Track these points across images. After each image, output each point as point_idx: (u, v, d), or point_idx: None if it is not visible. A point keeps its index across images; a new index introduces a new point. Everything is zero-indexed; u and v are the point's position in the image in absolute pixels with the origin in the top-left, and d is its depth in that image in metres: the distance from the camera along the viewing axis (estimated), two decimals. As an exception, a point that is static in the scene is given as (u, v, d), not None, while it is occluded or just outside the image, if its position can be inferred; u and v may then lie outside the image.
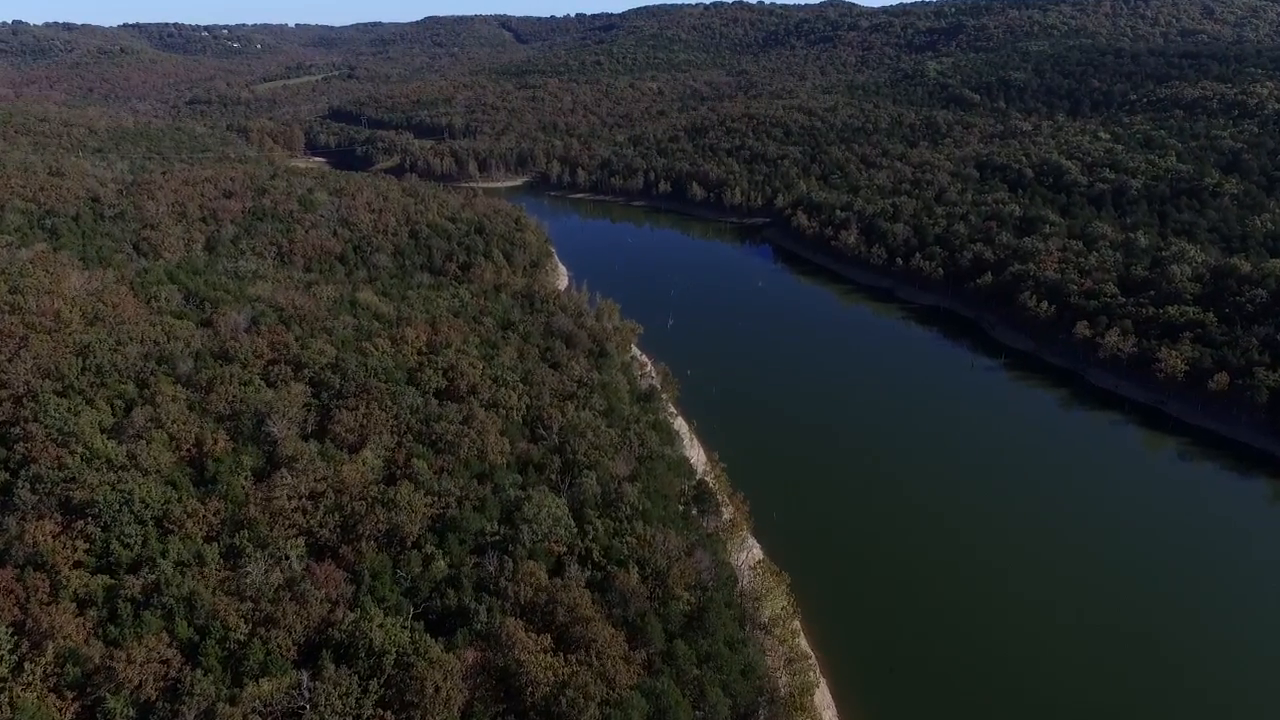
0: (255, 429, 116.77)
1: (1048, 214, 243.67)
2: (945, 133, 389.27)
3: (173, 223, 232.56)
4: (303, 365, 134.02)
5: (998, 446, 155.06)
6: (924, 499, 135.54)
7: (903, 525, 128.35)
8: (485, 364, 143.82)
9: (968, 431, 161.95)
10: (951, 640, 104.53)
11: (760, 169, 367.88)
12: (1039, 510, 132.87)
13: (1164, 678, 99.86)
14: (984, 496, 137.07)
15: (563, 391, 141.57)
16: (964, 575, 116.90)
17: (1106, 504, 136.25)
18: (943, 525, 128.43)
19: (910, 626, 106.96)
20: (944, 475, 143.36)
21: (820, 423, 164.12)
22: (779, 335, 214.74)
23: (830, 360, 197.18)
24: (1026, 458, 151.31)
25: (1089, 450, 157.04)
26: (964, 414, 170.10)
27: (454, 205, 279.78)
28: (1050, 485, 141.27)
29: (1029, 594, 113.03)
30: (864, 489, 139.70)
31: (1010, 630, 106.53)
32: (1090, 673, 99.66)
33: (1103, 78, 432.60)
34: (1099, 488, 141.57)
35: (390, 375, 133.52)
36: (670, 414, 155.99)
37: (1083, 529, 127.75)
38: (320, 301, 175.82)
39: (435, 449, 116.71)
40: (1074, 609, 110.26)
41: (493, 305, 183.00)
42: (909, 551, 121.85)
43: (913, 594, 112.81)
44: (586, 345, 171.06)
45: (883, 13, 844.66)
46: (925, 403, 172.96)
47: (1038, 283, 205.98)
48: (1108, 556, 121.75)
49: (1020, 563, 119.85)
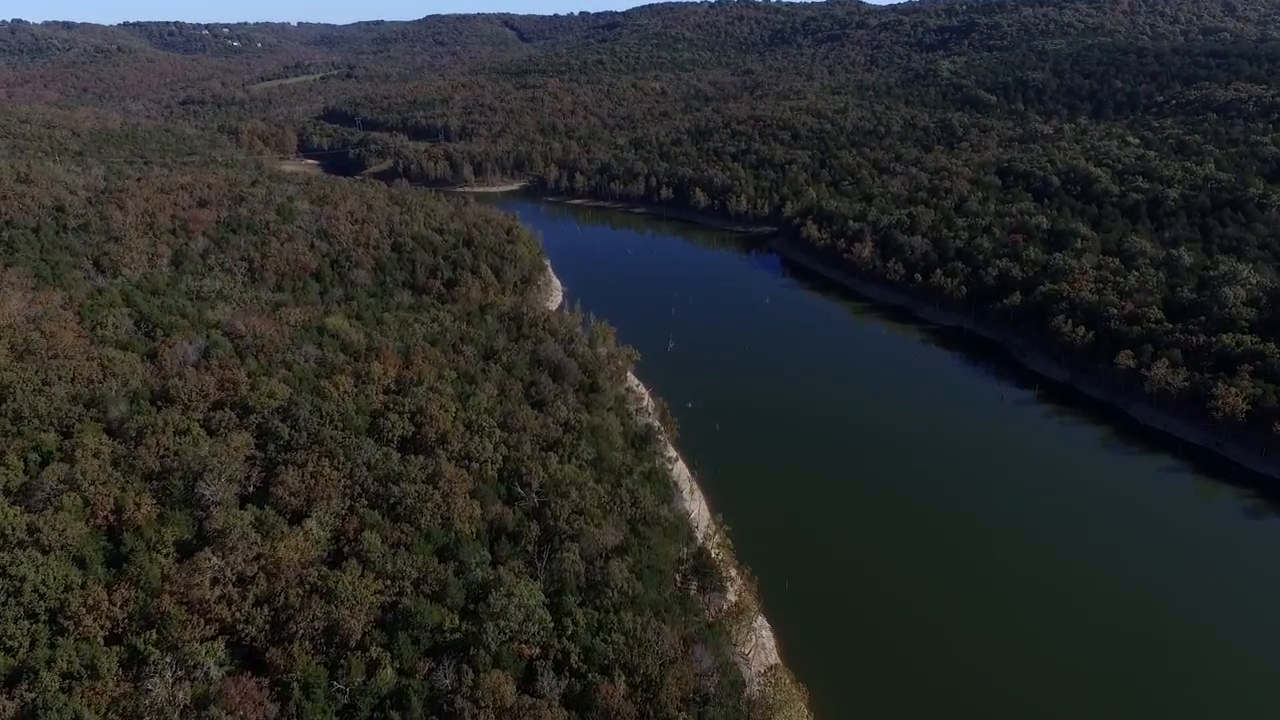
0: (187, 490, 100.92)
1: (1079, 227, 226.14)
2: (961, 136, 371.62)
3: (139, 235, 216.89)
4: (250, 410, 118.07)
5: (1035, 494, 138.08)
6: (964, 559, 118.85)
7: (937, 595, 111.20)
8: (460, 405, 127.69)
9: (1002, 474, 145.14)
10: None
11: (767, 174, 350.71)
12: (1088, 567, 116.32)
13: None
14: (1029, 555, 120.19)
15: (546, 438, 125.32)
16: (1026, 661, 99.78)
17: (1160, 558, 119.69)
18: (989, 592, 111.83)
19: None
20: (981, 529, 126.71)
21: (835, 464, 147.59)
22: (788, 359, 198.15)
23: (845, 390, 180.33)
24: (1068, 507, 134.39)
25: (1136, 497, 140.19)
26: (997, 454, 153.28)
27: (442, 214, 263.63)
28: (1099, 539, 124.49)
29: (1094, 665, 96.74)
30: (888, 544, 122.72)
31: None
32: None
33: (1126, 78, 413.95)
34: (1151, 542, 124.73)
35: (349, 422, 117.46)
36: (668, 459, 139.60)
37: (1136, 591, 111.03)
38: (285, 327, 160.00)
39: (392, 516, 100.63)
40: (1141, 683, 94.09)
41: (475, 331, 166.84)
42: (952, 630, 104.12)
43: (971, 691, 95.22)
44: (576, 377, 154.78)
45: (892, 10, 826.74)
46: (953, 440, 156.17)
47: (1072, 305, 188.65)
48: (1167, 622, 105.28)
49: (1076, 630, 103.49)
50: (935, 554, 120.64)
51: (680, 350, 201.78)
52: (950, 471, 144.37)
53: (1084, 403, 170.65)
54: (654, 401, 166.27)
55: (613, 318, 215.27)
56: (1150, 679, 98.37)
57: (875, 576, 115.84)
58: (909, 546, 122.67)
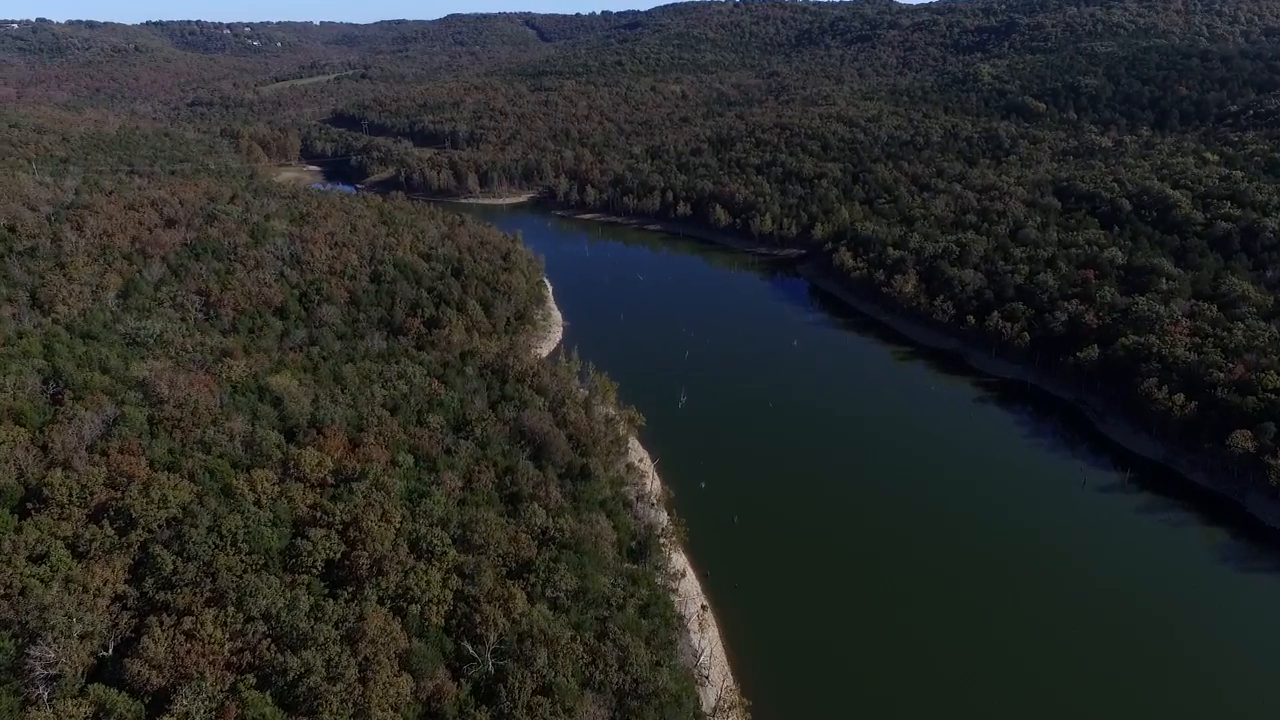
0: (17, 657, 75.03)
1: (1162, 263, 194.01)
2: (1009, 148, 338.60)
3: (88, 262, 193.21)
4: (135, 523, 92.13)
5: (1135, 622, 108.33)
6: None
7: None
8: (409, 512, 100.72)
9: (1094, 591, 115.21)
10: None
11: (794, 190, 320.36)
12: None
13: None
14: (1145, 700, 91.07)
15: (516, 559, 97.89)
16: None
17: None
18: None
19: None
20: (1082, 672, 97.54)
21: (887, 561, 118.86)
22: (821, 418, 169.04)
23: (891, 461, 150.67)
24: (1182, 635, 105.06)
25: (1266, 620, 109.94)
26: (1084, 558, 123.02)
27: (432, 236, 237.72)
28: (1229, 687, 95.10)
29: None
30: (986, 696, 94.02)
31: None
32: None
33: (1191, 84, 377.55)
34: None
35: (257, 542, 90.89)
36: (673, 576, 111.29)
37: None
38: (221, 386, 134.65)
39: (286, 703, 73.79)
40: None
41: (448, 394, 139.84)
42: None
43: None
44: (564, 457, 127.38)
45: (925, 10, 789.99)
46: (1029, 537, 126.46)
47: (1164, 363, 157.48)
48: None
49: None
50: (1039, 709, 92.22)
51: (694, 404, 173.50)
52: (1034, 589, 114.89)
53: (1186, 491, 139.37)
54: (660, 482, 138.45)
55: (618, 362, 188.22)
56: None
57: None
58: (1005, 699, 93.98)
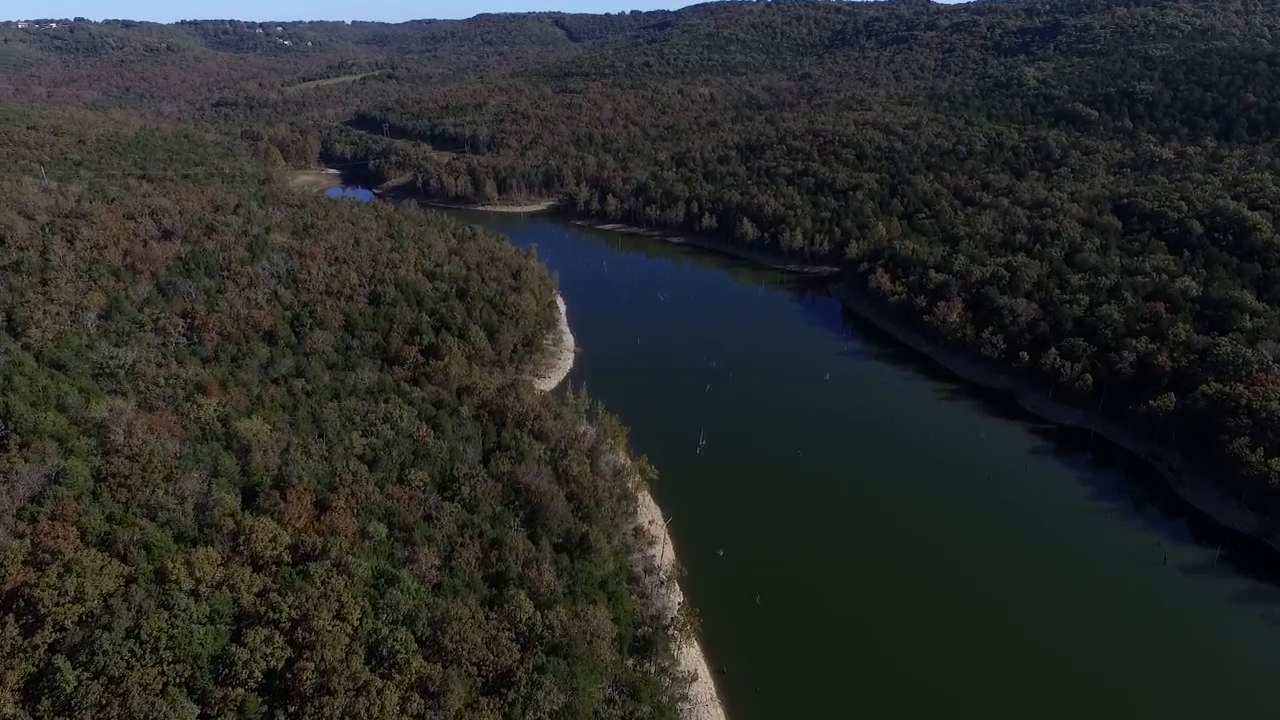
0: None
1: (1243, 296, 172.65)
2: (1060, 159, 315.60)
3: (73, 278, 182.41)
4: (42, 622, 78.24)
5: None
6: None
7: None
8: (369, 605, 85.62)
9: (1191, 693, 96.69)
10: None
11: (827, 202, 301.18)
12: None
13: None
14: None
15: (494, 668, 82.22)
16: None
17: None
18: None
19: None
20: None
21: (937, 662, 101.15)
22: (855, 467, 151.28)
23: (936, 526, 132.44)
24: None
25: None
26: (1168, 657, 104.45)
27: (440, 251, 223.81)
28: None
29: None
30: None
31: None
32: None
33: (1259, 91, 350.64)
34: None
35: (184, 649, 76.37)
36: (681, 680, 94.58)
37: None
38: (185, 428, 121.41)
39: None
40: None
41: (436, 443, 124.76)
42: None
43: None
44: (564, 522, 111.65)
45: (964, 10, 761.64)
46: (1109, 629, 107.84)
47: (1255, 418, 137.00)
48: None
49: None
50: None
51: (714, 447, 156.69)
52: (1113, 685, 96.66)
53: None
54: (671, 549, 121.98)
55: (632, 395, 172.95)
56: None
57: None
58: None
